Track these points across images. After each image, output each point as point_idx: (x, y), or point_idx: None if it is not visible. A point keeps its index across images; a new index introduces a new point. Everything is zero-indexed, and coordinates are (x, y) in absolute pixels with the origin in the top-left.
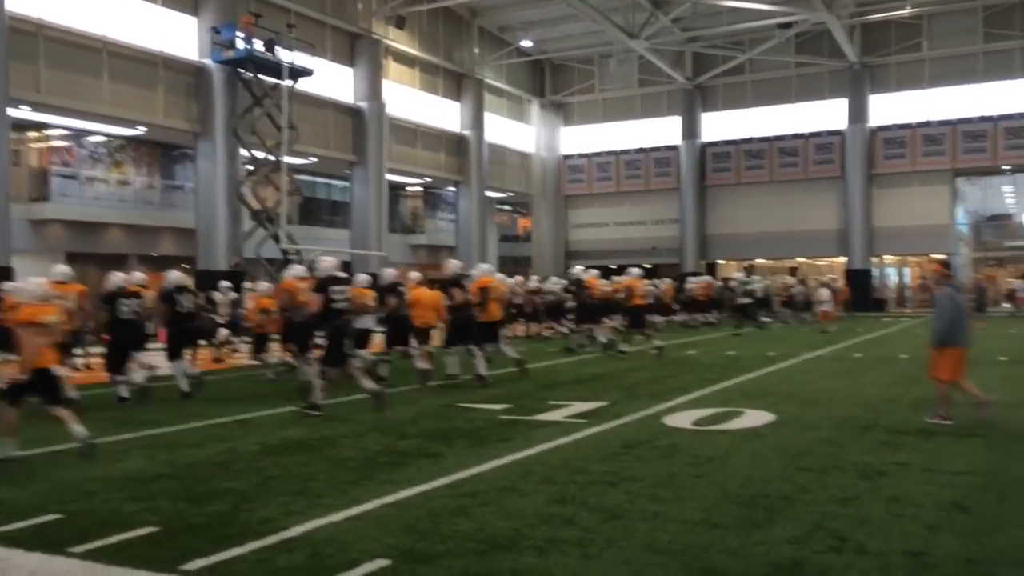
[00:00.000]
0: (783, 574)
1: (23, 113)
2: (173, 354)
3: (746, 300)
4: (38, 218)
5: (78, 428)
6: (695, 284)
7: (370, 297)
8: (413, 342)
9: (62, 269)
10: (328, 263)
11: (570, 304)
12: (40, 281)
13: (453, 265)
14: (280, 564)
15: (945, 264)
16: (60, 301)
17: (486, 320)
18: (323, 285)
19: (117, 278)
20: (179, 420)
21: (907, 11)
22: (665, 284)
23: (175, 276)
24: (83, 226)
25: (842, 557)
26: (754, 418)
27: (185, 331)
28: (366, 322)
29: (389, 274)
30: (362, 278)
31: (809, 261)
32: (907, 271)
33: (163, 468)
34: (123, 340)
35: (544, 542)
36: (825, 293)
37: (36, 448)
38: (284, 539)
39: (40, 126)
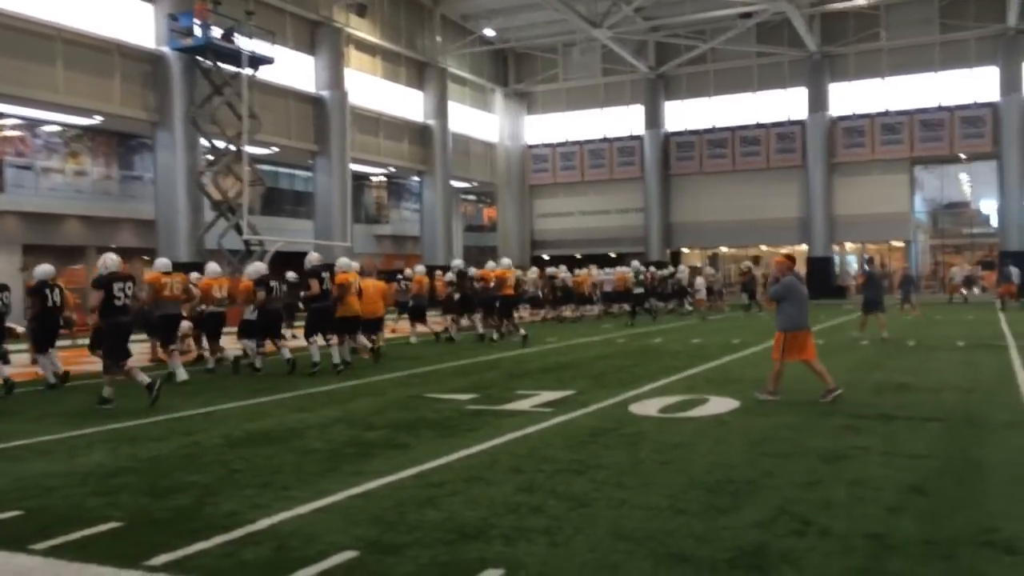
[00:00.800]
0: (748, 558)
1: None
2: (40, 347)
3: (639, 290)
4: None
5: None
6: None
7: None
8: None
9: None
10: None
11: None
12: None
13: (313, 257)
14: (247, 557)
15: (788, 255)
16: None
17: (344, 314)
18: (104, 281)
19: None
20: (142, 414)
21: (865, 1)
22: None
23: (43, 269)
24: (39, 218)
25: (806, 540)
26: (719, 405)
27: (53, 325)
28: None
29: (313, 258)
30: (343, 261)
31: (771, 249)
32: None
33: (126, 462)
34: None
35: (512, 531)
36: (700, 281)
37: None
38: (250, 532)
39: None
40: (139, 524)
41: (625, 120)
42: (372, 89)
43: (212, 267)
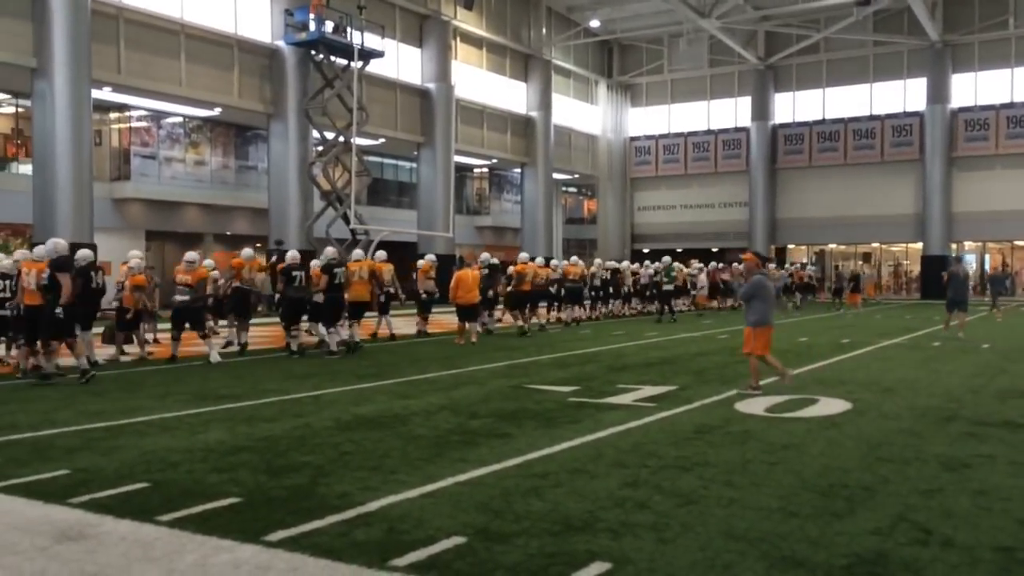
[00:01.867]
0: (867, 566)
1: (105, 94)
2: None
3: (669, 287)
4: (119, 197)
5: None
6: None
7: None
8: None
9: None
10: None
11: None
12: None
13: (329, 252)
14: (359, 538)
15: (756, 254)
16: None
17: (353, 299)
18: (80, 272)
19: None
20: (255, 395)
21: None
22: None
23: (83, 254)
24: (161, 205)
25: (928, 550)
26: (829, 406)
27: (93, 308)
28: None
29: (329, 253)
30: (357, 253)
31: (884, 246)
32: (987, 258)
33: (243, 441)
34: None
35: (619, 525)
36: (703, 278)
37: (120, 419)
38: (361, 513)
39: (121, 107)
40: (257, 501)
41: (731, 112)
42: (477, 81)
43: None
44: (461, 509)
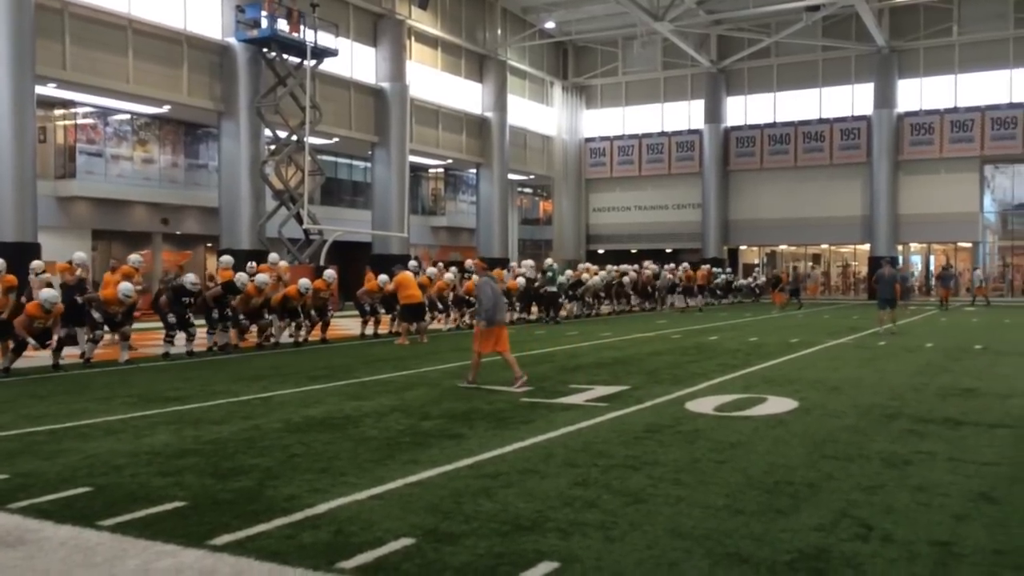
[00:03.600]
0: (809, 561)
1: (49, 90)
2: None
3: (551, 289)
4: (64, 195)
5: None
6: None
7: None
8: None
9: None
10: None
11: None
12: None
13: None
14: (306, 540)
15: (483, 259)
16: None
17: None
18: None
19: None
20: (204, 397)
21: None
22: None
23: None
24: (109, 203)
25: (868, 545)
26: (777, 405)
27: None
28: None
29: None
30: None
31: (833, 247)
32: (932, 259)
33: (189, 444)
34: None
35: (567, 524)
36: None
37: (64, 422)
38: (309, 516)
39: (66, 103)
40: (202, 504)
41: (685, 114)
42: (432, 81)
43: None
44: (410, 511)
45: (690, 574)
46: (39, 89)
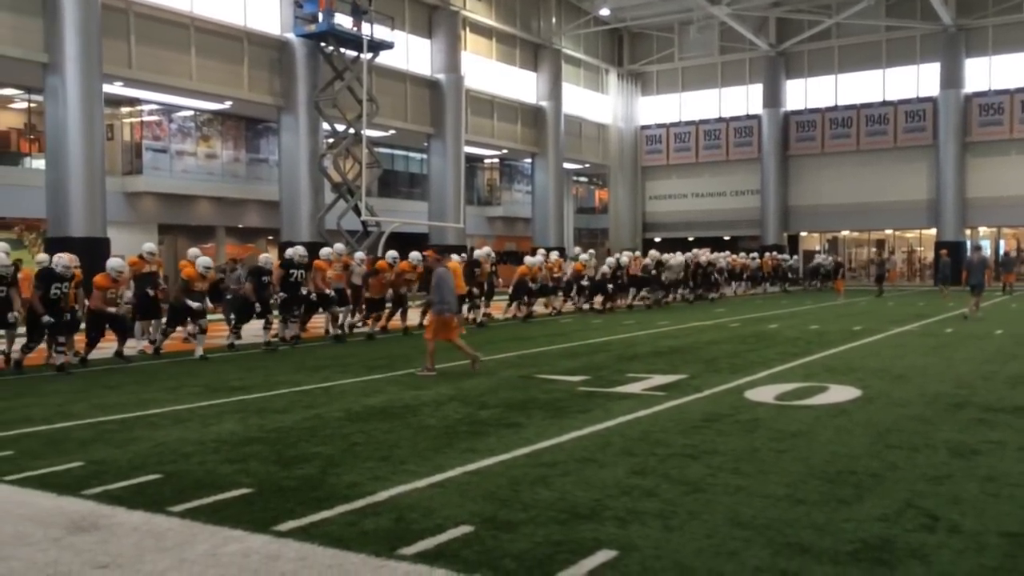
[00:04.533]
0: (873, 552)
1: (116, 89)
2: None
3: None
4: (131, 191)
5: None
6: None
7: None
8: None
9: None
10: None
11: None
12: None
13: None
14: (368, 527)
15: (436, 248)
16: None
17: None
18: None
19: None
20: (267, 387)
21: None
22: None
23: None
24: (173, 198)
25: (935, 536)
26: (839, 393)
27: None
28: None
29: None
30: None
31: (898, 233)
32: (1002, 243)
33: (254, 432)
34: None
35: (625, 513)
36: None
37: (134, 411)
38: (371, 503)
39: (132, 101)
40: (267, 491)
41: (743, 99)
42: (487, 71)
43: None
44: (469, 498)
45: (750, 564)
46: (106, 87)
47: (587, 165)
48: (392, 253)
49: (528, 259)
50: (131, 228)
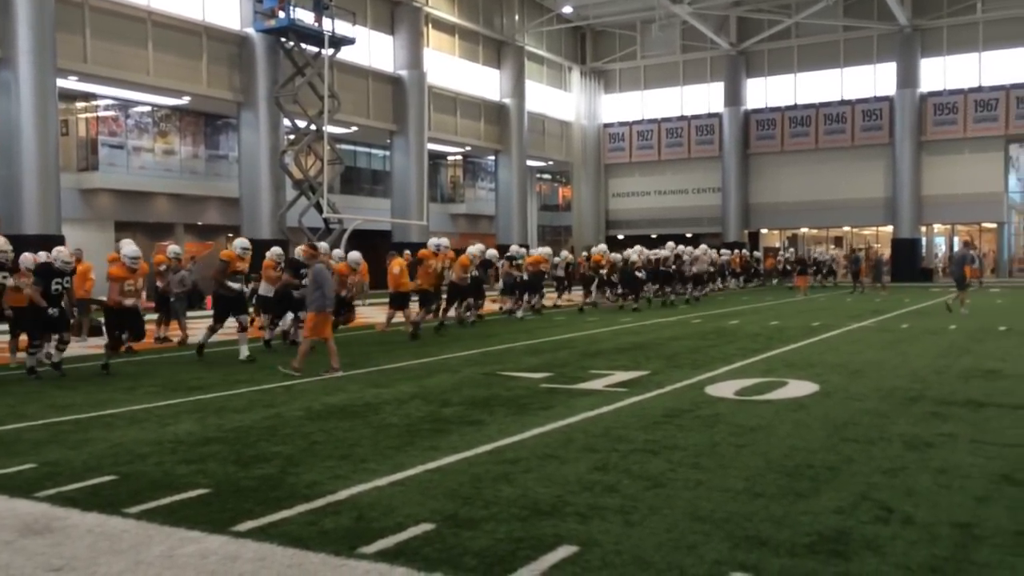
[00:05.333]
0: (829, 544)
1: (71, 83)
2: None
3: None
4: (87, 187)
5: None
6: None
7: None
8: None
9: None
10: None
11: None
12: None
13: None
14: (327, 526)
15: (311, 244)
16: None
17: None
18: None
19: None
20: (226, 386)
21: None
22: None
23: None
24: (131, 195)
25: (889, 527)
26: (798, 388)
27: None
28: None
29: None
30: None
31: (855, 230)
32: (956, 240)
33: (212, 432)
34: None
35: (587, 509)
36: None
37: (89, 412)
38: (331, 502)
39: (88, 96)
40: (226, 491)
41: (704, 98)
42: (450, 68)
43: None
44: (430, 496)
45: (709, 557)
46: (61, 82)
47: (550, 162)
48: (355, 255)
49: (514, 248)
50: (86, 225)
